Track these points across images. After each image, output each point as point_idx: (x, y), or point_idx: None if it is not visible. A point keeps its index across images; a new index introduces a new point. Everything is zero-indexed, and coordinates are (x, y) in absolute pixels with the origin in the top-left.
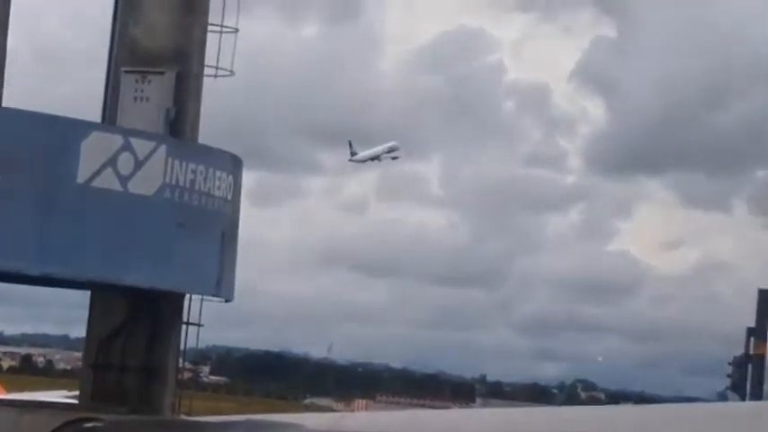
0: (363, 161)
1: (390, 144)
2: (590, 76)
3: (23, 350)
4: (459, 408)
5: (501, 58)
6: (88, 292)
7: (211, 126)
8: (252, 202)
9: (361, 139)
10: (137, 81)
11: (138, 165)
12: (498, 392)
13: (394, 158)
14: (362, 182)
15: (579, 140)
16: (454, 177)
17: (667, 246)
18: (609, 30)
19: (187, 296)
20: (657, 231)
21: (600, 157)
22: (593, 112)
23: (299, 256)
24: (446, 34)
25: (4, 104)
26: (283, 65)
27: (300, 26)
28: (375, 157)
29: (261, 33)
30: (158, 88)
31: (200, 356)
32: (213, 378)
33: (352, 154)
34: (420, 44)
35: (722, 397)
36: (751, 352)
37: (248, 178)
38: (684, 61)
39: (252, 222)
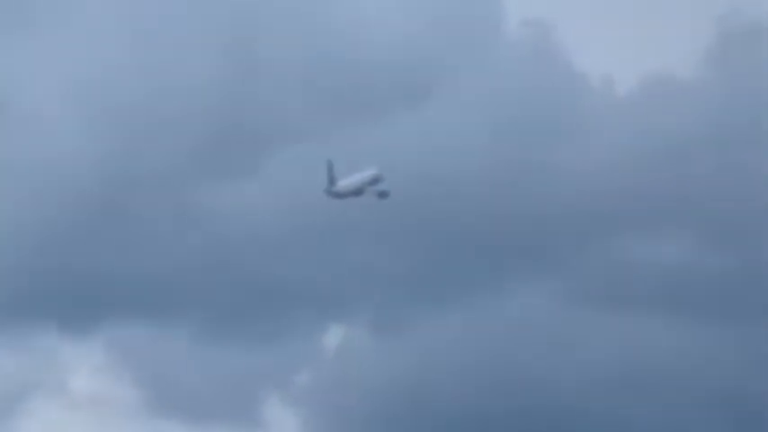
0: (344, 196)
1: (372, 171)
2: None
3: None
4: None
5: None
6: None
7: None
8: None
9: None
10: None
11: None
12: None
13: (382, 195)
14: None
15: None
16: None
17: None
18: None
19: None
20: None
21: None
22: None
23: None
24: None
25: None
26: None
27: None
28: (358, 191)
29: None
30: None
31: None
32: None
33: (331, 182)
34: None
35: None
36: None
37: None
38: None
39: None
